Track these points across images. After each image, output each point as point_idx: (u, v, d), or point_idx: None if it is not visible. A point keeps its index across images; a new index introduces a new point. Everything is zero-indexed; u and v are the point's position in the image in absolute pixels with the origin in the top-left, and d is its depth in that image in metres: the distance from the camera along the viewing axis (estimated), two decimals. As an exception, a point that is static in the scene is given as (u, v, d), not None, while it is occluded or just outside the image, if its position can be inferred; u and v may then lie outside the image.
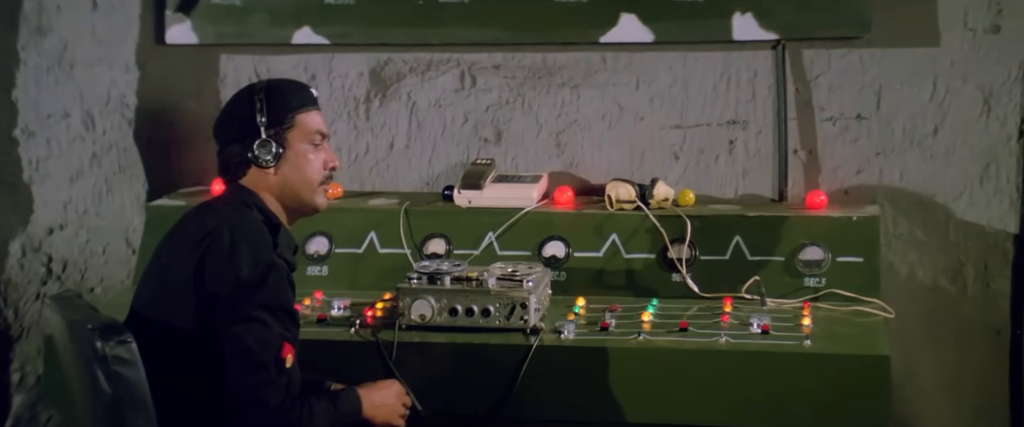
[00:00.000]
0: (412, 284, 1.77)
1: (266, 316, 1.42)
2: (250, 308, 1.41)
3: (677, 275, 1.97)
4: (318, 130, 1.56)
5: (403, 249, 2.02)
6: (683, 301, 1.93)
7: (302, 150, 1.53)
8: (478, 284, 1.77)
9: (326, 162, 1.56)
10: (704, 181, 2.15)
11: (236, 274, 1.41)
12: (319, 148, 1.55)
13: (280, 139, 1.53)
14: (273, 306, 1.44)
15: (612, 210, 2.03)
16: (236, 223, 1.47)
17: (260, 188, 1.54)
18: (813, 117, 2.08)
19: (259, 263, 1.43)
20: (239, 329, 1.42)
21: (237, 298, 1.41)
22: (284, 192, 1.54)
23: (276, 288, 1.44)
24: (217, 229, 1.45)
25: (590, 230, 2.01)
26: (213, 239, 1.44)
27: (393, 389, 1.63)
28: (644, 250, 2.00)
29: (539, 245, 2.02)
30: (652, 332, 1.78)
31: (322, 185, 1.56)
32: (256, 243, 1.45)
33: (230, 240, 1.44)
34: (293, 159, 1.53)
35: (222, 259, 1.43)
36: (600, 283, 1.98)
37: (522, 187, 2.08)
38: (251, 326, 1.42)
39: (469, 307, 1.76)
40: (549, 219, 2.04)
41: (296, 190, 1.54)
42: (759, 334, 1.76)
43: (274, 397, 1.42)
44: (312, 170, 1.54)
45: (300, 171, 1.53)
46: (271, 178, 1.53)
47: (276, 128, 1.53)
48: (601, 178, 2.15)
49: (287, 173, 1.53)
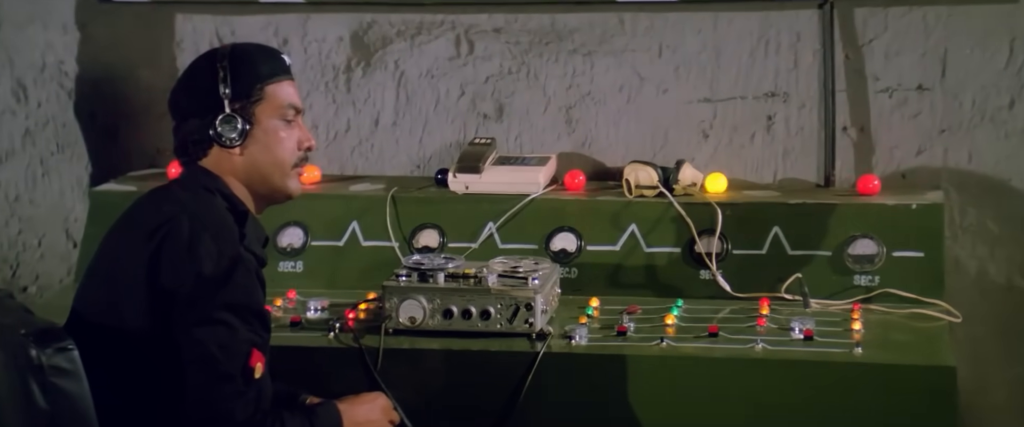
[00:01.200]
0: (400, 282, 1.77)
1: (232, 318, 1.40)
2: (213, 309, 1.38)
3: (706, 272, 1.97)
4: (291, 104, 1.53)
5: (390, 242, 2.03)
6: (713, 302, 1.93)
7: (272, 127, 1.50)
8: (476, 282, 1.76)
9: (301, 141, 1.53)
10: (738, 163, 2.15)
11: (197, 269, 1.38)
12: (292, 125, 1.52)
13: (247, 114, 1.50)
14: (240, 307, 1.41)
15: (631, 197, 2.04)
16: (196, 210, 1.45)
17: (224, 171, 1.51)
18: (866, 88, 2.07)
19: (223, 257, 1.40)
20: (200, 333, 1.39)
21: (198, 297, 1.38)
22: (252, 175, 1.51)
23: (243, 286, 1.41)
24: (174, 217, 1.43)
25: (605, 220, 2.02)
26: (170, 229, 1.41)
27: (378, 403, 1.61)
28: (668, 243, 2.00)
29: (547, 237, 2.03)
30: (677, 338, 1.78)
31: (296, 168, 1.53)
32: (220, 234, 1.43)
33: (190, 230, 1.41)
34: (262, 137, 1.50)
35: (180, 252, 1.40)
36: (617, 281, 1.99)
37: (527, 170, 2.08)
38: (214, 329, 1.39)
39: (466, 309, 1.75)
40: (558, 207, 2.04)
41: (265, 173, 1.51)
42: (801, 341, 1.75)
43: (240, 412, 1.39)
44: (284, 150, 1.51)
45: (270, 151, 1.50)
46: (236, 159, 1.50)
47: (242, 101, 1.50)
48: (618, 160, 2.16)
49: (255, 153, 1.50)
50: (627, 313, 1.85)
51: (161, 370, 1.39)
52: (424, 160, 2.22)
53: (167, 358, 1.39)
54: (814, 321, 1.80)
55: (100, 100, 2.22)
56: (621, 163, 2.11)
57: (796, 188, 2.10)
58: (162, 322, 1.39)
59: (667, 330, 1.79)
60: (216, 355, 1.38)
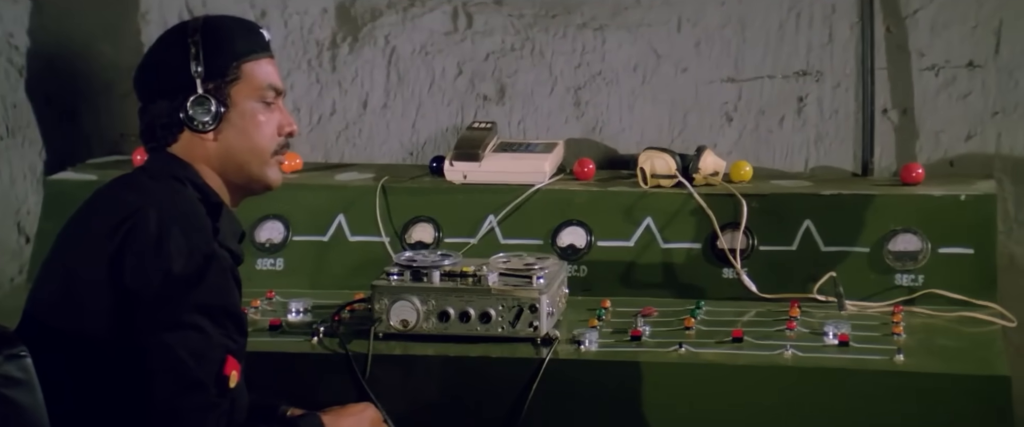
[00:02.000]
0: (391, 281, 1.77)
1: (204, 321, 1.37)
2: (184, 311, 1.36)
3: (729, 270, 1.97)
4: (271, 84, 1.51)
5: (380, 237, 2.02)
6: (737, 304, 1.92)
7: (250, 110, 1.48)
8: (475, 281, 1.76)
9: (281, 126, 1.51)
10: (765, 150, 2.15)
11: (166, 267, 1.36)
12: (272, 107, 1.51)
13: (221, 95, 1.48)
14: (213, 308, 1.38)
15: (646, 187, 2.03)
16: (165, 202, 1.42)
17: (196, 158, 1.49)
18: (909, 65, 2.05)
19: (195, 253, 1.38)
20: (169, 337, 1.36)
21: (167, 298, 1.36)
22: (226, 164, 1.49)
23: (217, 286, 1.39)
24: (140, 210, 1.40)
25: (618, 213, 2.01)
26: (136, 223, 1.39)
27: (367, 415, 1.60)
28: (687, 238, 1.99)
29: (553, 232, 2.02)
30: (698, 343, 1.76)
31: (276, 155, 1.51)
32: (191, 228, 1.40)
33: (158, 224, 1.38)
34: (238, 121, 1.48)
35: (147, 248, 1.37)
36: (631, 280, 1.98)
37: (531, 158, 2.08)
38: (185, 334, 1.36)
39: (464, 311, 1.75)
40: (566, 199, 2.03)
41: (242, 161, 1.49)
42: (836, 347, 1.74)
43: (212, 425, 1.37)
44: (263, 136, 1.49)
45: (247, 137, 1.48)
46: (210, 145, 1.48)
47: (216, 81, 1.48)
48: (632, 147, 2.16)
49: (231, 139, 1.48)
50: (642, 316, 1.85)
51: (124, 379, 1.37)
52: (417, 146, 2.22)
53: (131, 365, 1.37)
54: (850, 325, 1.79)
55: (55, 79, 2.19)
56: (635, 150, 2.11)
57: (830, 177, 2.10)
58: (126, 326, 1.36)
59: (686, 335, 1.79)
60: (186, 361, 1.36)
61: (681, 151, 2.05)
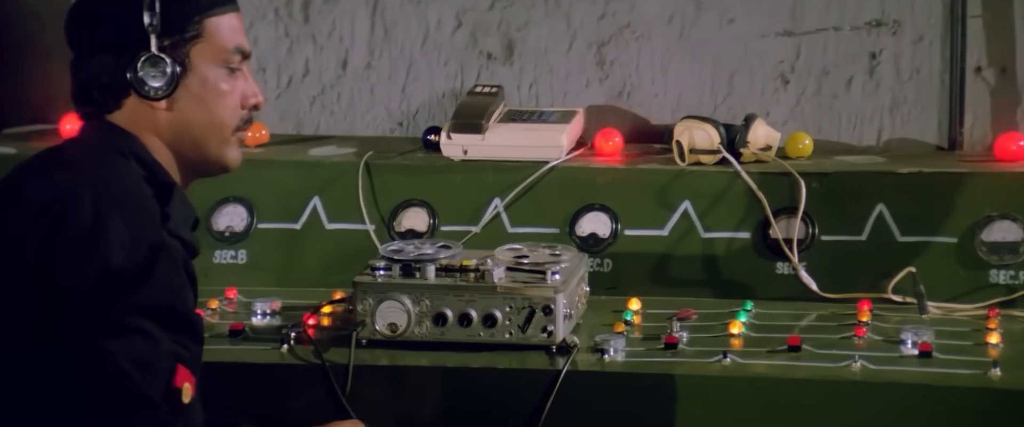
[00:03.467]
0: (377, 277, 1.75)
1: (150, 325, 1.32)
2: (126, 313, 1.31)
3: (784, 265, 1.95)
4: (237, 46, 1.46)
5: (363, 224, 2.01)
6: (794, 305, 1.90)
7: (212, 77, 1.44)
8: (478, 277, 1.74)
9: (245, 96, 1.47)
10: (829, 119, 2.13)
11: (104, 261, 1.31)
12: (236, 74, 1.46)
13: (179, 56, 1.43)
14: (161, 309, 1.34)
15: (684, 165, 2.02)
16: (104, 181, 1.38)
17: (142, 128, 1.44)
18: (1011, 14, 2.02)
19: (140, 244, 1.34)
20: (109, 344, 1.31)
21: (105, 298, 1.31)
22: (179, 138, 1.45)
23: (166, 282, 1.35)
24: (73, 192, 1.35)
25: (650, 196, 2.00)
26: (67, 206, 1.34)
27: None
28: (733, 226, 1.97)
29: (572, 219, 2.01)
30: (745, 352, 1.74)
31: (237, 132, 1.47)
32: (135, 213, 1.36)
33: (94, 208, 1.34)
34: (197, 88, 1.43)
35: (81, 238, 1.32)
36: (665, 277, 1.97)
37: (546, 129, 2.07)
38: (128, 340, 1.31)
39: (464, 312, 1.73)
40: (587, 179, 2.02)
41: (198, 137, 1.45)
42: (916, 358, 1.72)
43: None
44: (224, 108, 1.46)
45: (206, 108, 1.44)
46: (160, 115, 1.44)
47: (174, 37, 1.43)
48: (667, 116, 2.15)
49: (187, 110, 1.44)
50: (678, 319, 1.83)
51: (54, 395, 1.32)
52: (408, 115, 2.21)
53: (62, 379, 1.32)
54: (933, 332, 1.77)
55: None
56: (671, 120, 2.10)
57: (909, 152, 2.09)
58: (55, 332, 1.32)
59: (732, 342, 1.77)
60: (129, 373, 1.31)
61: (726, 121, 2.04)
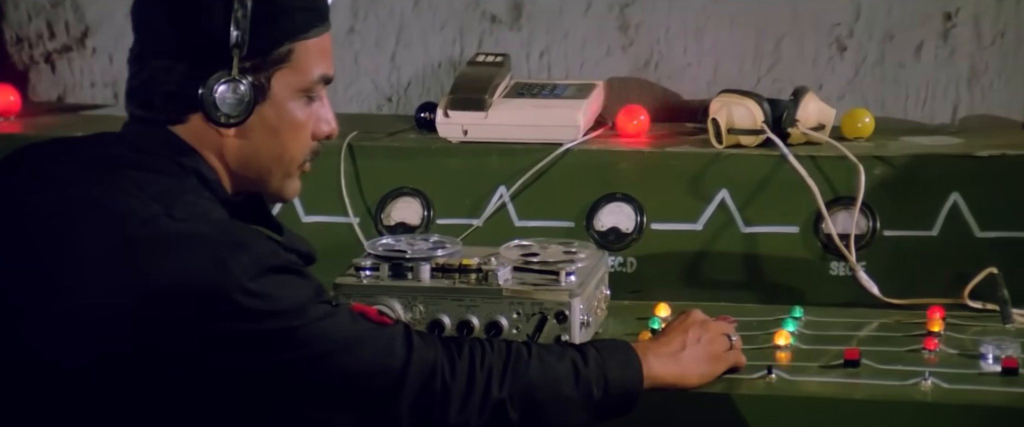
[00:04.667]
0: (362, 278, 1.75)
1: (317, 310, 1.41)
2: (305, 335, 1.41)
3: (840, 265, 1.92)
4: (324, 74, 1.49)
5: (345, 216, 2.00)
6: (852, 312, 1.87)
7: (290, 107, 1.47)
8: (480, 279, 1.73)
9: (319, 124, 1.50)
10: (893, 93, 2.10)
11: (268, 305, 1.38)
12: (313, 102, 1.49)
13: (259, 80, 1.45)
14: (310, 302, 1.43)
15: (721, 147, 1.98)
16: (180, 205, 1.41)
17: (204, 146, 1.47)
18: None
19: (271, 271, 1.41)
20: (317, 376, 1.41)
21: (274, 343, 1.39)
22: (244, 167, 1.49)
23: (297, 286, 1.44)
24: (155, 218, 1.38)
25: (681, 184, 1.97)
26: (166, 236, 1.38)
27: (703, 324, 1.63)
28: (779, 219, 1.95)
29: (589, 210, 1.98)
30: (794, 367, 1.71)
31: (304, 164, 1.52)
32: (251, 240, 1.41)
33: (202, 242, 1.38)
34: (272, 118, 1.46)
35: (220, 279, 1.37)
36: (697, 278, 1.95)
37: (559, 106, 2.04)
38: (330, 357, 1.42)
39: (464, 320, 1.72)
40: (608, 164, 2.00)
41: (263, 168, 1.49)
42: (998, 376, 1.68)
43: (396, 356, 1.44)
44: (297, 140, 1.49)
45: (279, 141, 1.48)
46: (227, 140, 1.47)
47: (257, 59, 1.44)
48: (701, 90, 2.13)
49: (256, 140, 1.47)
50: None
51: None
52: (398, 89, 2.21)
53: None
54: (1019, 344, 1.74)
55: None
56: (706, 94, 2.08)
57: (990, 131, 2.05)
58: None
59: (778, 356, 1.74)
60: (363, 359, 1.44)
61: (771, 95, 2.00)
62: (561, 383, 1.49)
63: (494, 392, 1.45)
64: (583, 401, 1.50)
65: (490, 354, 1.47)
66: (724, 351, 1.63)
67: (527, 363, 1.48)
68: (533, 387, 1.47)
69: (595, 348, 1.54)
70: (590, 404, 1.50)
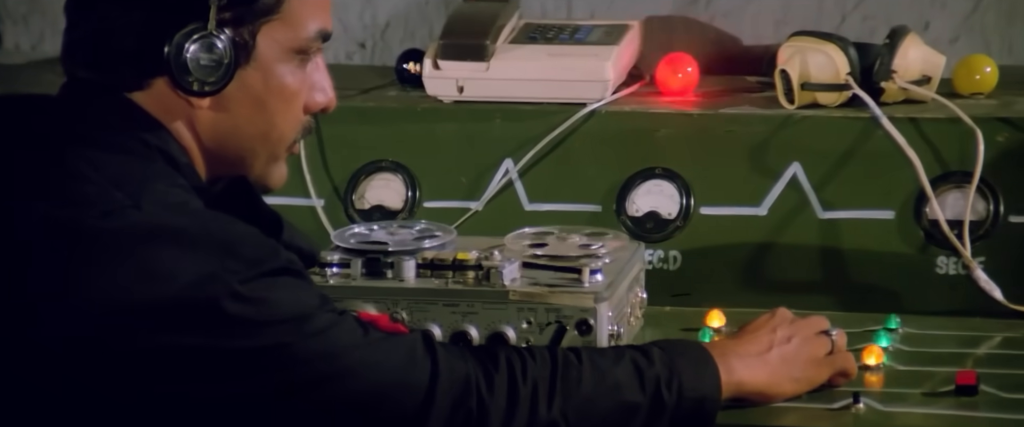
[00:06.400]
0: (329, 278, 1.75)
1: (322, 319, 1.43)
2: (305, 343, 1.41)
3: (950, 260, 1.89)
4: (321, 29, 1.50)
5: (308, 198, 2.00)
6: (966, 322, 1.85)
7: (279, 71, 1.48)
8: (480, 277, 1.72)
9: (313, 94, 1.52)
10: (1021, 36, 2.01)
11: (264, 314, 1.39)
12: (306, 64, 1.51)
13: (241, 36, 1.46)
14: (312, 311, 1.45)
15: (792, 108, 1.94)
16: (149, 193, 1.41)
17: (171, 118, 1.46)
18: None
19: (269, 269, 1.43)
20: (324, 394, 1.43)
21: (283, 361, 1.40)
22: (221, 145, 1.50)
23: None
24: (120, 210, 1.38)
25: (739, 156, 1.95)
26: (137, 235, 1.39)
27: (794, 323, 1.64)
28: (869, 201, 1.92)
29: (621, 190, 1.96)
30: (890, 394, 1.68)
31: (294, 145, 1.53)
32: (242, 235, 1.43)
33: (173, 238, 1.39)
34: (257, 85, 1.48)
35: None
36: (760, 278, 1.93)
37: (582, 55, 2.03)
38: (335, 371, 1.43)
39: (460, 330, 1.71)
40: (645, 130, 1.98)
41: (244, 148, 1.51)
42: None
43: (419, 378, 1.45)
44: (287, 113, 1.51)
45: (264, 113, 1.50)
46: (201, 113, 1.47)
47: (238, 8, 1.45)
48: (767, 32, 2.11)
49: (238, 113, 1.49)
50: None
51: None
52: (374, 32, 2.20)
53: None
54: None
55: None
56: (772, 39, 2.07)
57: None
58: None
59: (868, 379, 1.71)
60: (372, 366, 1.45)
61: (859, 39, 1.97)
62: (623, 389, 1.49)
63: (542, 411, 1.45)
64: (654, 406, 1.50)
65: (533, 365, 1.48)
66: (825, 354, 1.61)
67: (578, 371, 1.48)
68: (589, 400, 1.48)
69: (659, 346, 1.54)
70: (662, 409, 1.50)
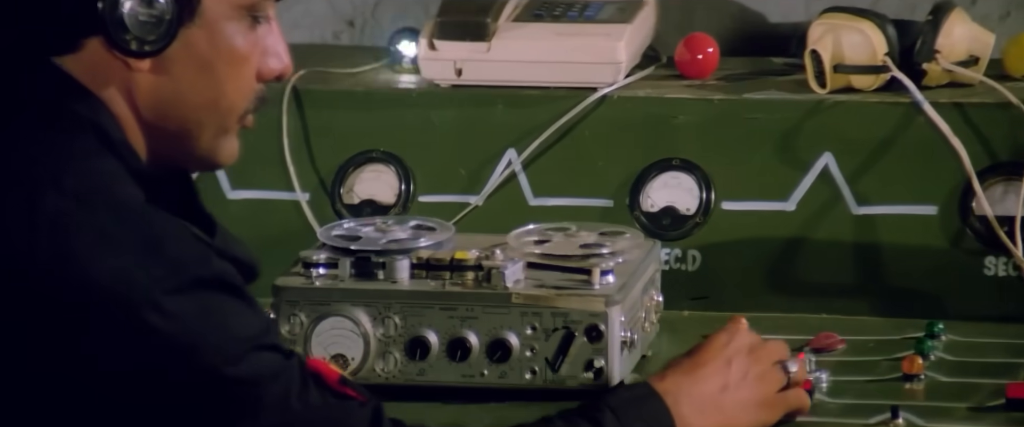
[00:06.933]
0: (314, 279, 1.75)
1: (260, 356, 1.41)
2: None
3: (999, 260, 1.90)
4: None
5: (290, 192, 2.02)
6: (1016, 328, 1.85)
7: (227, 31, 1.47)
8: (481, 279, 1.73)
9: (267, 59, 1.50)
10: None
11: (188, 333, 1.37)
12: (257, 26, 1.49)
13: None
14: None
15: (824, 92, 1.95)
16: (72, 172, 1.40)
17: (105, 86, 1.44)
18: None
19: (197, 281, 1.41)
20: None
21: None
22: (163, 116, 1.46)
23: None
24: (35, 189, 1.37)
25: (765, 145, 1.96)
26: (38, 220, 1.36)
27: (752, 352, 1.63)
28: (908, 195, 1.93)
29: (635, 183, 1.98)
30: (933, 408, 1.67)
31: (246, 116, 1.51)
32: (171, 235, 1.41)
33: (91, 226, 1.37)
34: (202, 46, 1.46)
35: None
36: (788, 280, 1.94)
37: (592, 34, 2.04)
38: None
39: (458, 337, 1.71)
40: (661, 117, 1.99)
41: (189, 120, 1.48)
42: None
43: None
44: (238, 80, 1.49)
45: (212, 79, 1.48)
46: (139, 78, 1.45)
47: None
48: (795, 10, 2.13)
49: (181, 78, 1.46)
50: (814, 350, 1.78)
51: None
52: (363, 9, 2.22)
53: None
54: None
55: None
56: (802, 16, 2.08)
57: None
58: None
59: (908, 391, 1.71)
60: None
61: (897, 15, 1.98)
62: None
63: None
64: None
65: None
66: (777, 390, 1.61)
67: None
68: None
69: (610, 408, 1.53)
70: None
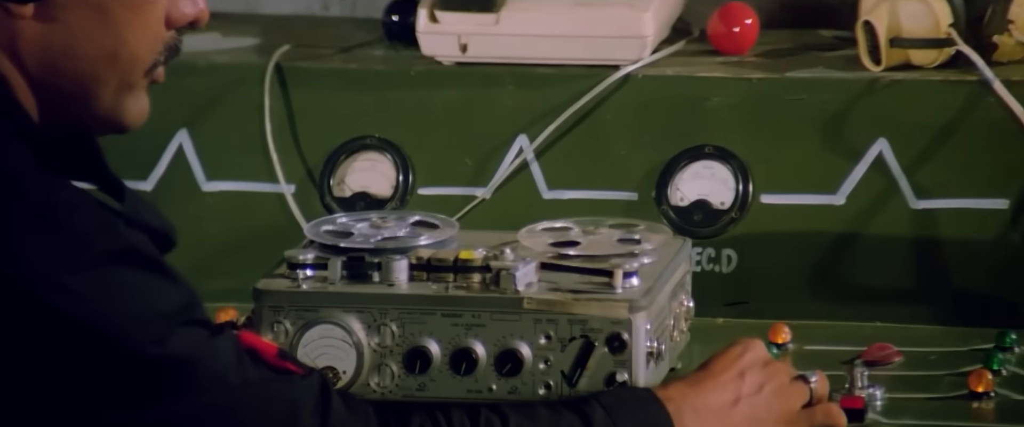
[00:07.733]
0: (300, 282, 1.76)
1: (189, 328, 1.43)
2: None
3: None
4: None
5: (273, 183, 2.04)
6: None
7: None
8: (488, 282, 1.73)
9: (179, 6, 1.50)
10: None
11: (98, 313, 1.39)
12: None
13: None
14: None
15: (878, 70, 1.96)
16: None
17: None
18: None
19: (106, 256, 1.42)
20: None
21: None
22: (54, 71, 1.48)
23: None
24: None
25: (811, 131, 1.97)
26: None
27: (767, 366, 1.63)
28: (975, 188, 1.94)
29: (662, 174, 1.98)
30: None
31: (154, 70, 1.50)
32: (74, 206, 1.42)
33: None
34: None
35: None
36: (836, 283, 1.95)
37: (615, 5, 2.05)
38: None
39: (463, 347, 1.71)
40: (692, 98, 2.00)
41: (86, 74, 1.49)
42: None
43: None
44: (141, 28, 1.50)
45: (110, 27, 1.48)
46: (24, 27, 1.46)
47: None
48: None
49: (74, 26, 1.48)
50: (866, 363, 1.78)
51: None
52: None
53: None
54: None
55: None
56: None
57: None
58: None
59: (976, 409, 1.72)
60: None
61: None
62: None
63: None
64: None
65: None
66: (800, 407, 1.61)
67: None
68: None
69: (602, 404, 1.53)
70: None
